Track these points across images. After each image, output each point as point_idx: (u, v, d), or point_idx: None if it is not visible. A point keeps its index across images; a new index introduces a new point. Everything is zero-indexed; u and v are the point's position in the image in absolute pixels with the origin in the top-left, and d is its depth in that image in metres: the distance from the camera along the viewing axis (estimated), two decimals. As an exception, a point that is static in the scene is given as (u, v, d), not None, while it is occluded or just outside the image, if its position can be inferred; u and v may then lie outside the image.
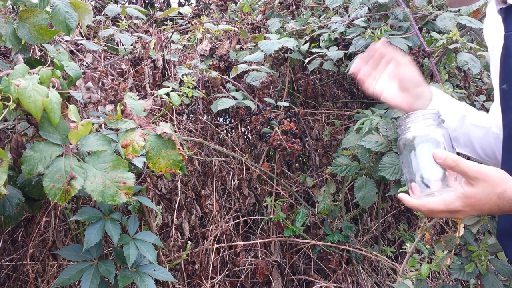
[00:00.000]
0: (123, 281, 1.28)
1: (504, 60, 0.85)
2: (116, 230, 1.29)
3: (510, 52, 0.83)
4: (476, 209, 0.73)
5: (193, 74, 1.99)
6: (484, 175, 0.71)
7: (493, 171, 0.72)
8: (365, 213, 2.35)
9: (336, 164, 1.78)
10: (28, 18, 1.16)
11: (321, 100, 2.47)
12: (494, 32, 0.94)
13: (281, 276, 2.16)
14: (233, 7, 2.75)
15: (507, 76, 0.84)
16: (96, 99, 1.27)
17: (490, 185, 0.71)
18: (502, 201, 0.72)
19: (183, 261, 1.90)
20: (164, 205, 1.95)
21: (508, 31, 0.84)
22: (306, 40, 1.99)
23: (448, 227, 2.05)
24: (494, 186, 0.71)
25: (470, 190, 0.73)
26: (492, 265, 1.32)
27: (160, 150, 1.07)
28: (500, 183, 0.71)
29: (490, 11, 0.98)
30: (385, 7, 1.83)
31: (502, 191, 0.71)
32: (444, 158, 0.73)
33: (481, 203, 0.72)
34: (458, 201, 0.74)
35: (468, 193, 0.73)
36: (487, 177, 0.71)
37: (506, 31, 0.84)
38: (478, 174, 0.72)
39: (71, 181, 0.95)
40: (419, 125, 0.80)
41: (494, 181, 0.71)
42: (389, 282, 2.14)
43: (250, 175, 2.14)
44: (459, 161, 0.73)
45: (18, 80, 0.95)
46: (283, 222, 2.04)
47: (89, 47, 1.78)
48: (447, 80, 1.78)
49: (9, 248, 1.76)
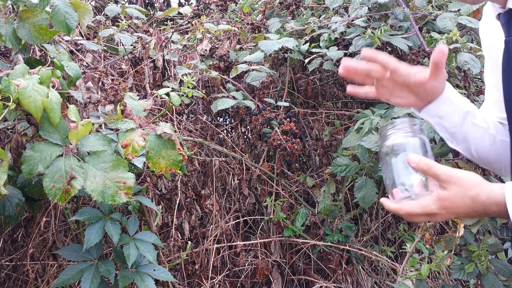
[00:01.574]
0: (123, 281, 1.28)
1: (507, 65, 0.85)
2: (116, 230, 1.29)
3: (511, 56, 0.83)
4: (452, 212, 0.75)
5: (193, 74, 1.99)
6: (456, 178, 0.73)
7: (466, 175, 0.74)
8: (365, 213, 2.35)
9: (336, 164, 1.78)
10: (28, 18, 1.16)
11: (321, 100, 2.46)
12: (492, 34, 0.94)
13: (281, 276, 2.16)
14: (233, 7, 2.75)
15: (509, 80, 0.84)
16: (96, 99, 1.27)
17: (463, 188, 0.73)
18: (476, 204, 0.73)
19: (183, 261, 1.90)
20: (164, 205, 1.95)
21: (509, 35, 0.84)
22: (306, 40, 1.99)
23: (448, 227, 2.05)
24: (467, 190, 0.73)
25: (444, 193, 0.74)
26: (492, 265, 1.32)
27: (160, 150, 1.07)
28: (473, 186, 0.73)
29: (487, 12, 0.98)
30: (385, 7, 1.83)
31: (476, 195, 0.73)
32: (417, 162, 0.76)
33: (455, 205, 0.74)
34: (433, 204, 0.75)
35: (442, 196, 0.74)
36: (460, 180, 0.73)
37: (507, 35, 0.84)
38: (450, 178, 0.74)
39: (71, 181, 0.95)
40: (397, 134, 0.84)
41: (467, 185, 0.73)
42: (389, 282, 2.14)
43: (250, 175, 2.14)
44: (432, 165, 0.75)
45: (18, 80, 0.95)
46: (283, 222, 2.04)
47: (89, 47, 1.78)
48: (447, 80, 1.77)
49: (9, 248, 1.76)
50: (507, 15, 0.84)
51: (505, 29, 0.85)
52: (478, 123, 0.96)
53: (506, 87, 0.87)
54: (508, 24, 0.84)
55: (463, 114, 0.95)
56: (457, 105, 0.95)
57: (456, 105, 0.95)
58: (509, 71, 0.84)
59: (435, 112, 0.94)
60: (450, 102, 0.94)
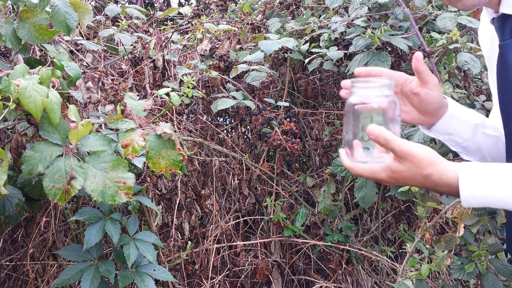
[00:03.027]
0: (123, 281, 1.28)
1: (501, 68, 0.86)
2: (116, 230, 1.29)
3: (506, 61, 0.83)
4: (401, 182, 0.78)
5: (193, 74, 1.99)
6: (411, 156, 0.74)
7: (422, 153, 0.75)
8: (365, 213, 2.35)
9: (336, 164, 1.78)
10: (28, 18, 1.16)
11: (321, 100, 2.46)
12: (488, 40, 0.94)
13: (281, 276, 2.16)
14: (233, 7, 2.75)
15: (504, 85, 0.85)
16: (96, 99, 1.27)
17: (416, 167, 0.74)
18: (426, 182, 0.75)
19: (183, 261, 1.90)
20: (164, 205, 1.95)
21: (503, 40, 0.84)
22: (306, 40, 1.99)
23: (448, 227, 2.05)
24: (421, 168, 0.74)
25: (396, 166, 0.76)
26: (492, 265, 1.32)
27: (160, 150, 1.07)
28: (427, 166, 0.74)
29: (483, 18, 0.98)
30: (385, 7, 1.83)
31: (428, 174, 0.74)
32: (377, 135, 0.76)
33: (405, 179, 0.76)
34: (383, 172, 0.78)
35: (393, 169, 0.76)
36: (415, 158, 0.74)
37: (501, 40, 0.85)
38: (405, 155, 0.74)
39: (71, 181, 0.95)
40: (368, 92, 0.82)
41: (422, 164, 0.74)
42: (389, 282, 2.14)
43: (250, 175, 2.14)
44: (390, 140, 0.75)
45: (18, 80, 0.95)
46: (283, 222, 2.04)
47: (89, 47, 1.78)
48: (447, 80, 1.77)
49: (9, 248, 1.76)
50: (501, 20, 0.84)
51: (499, 33, 0.86)
52: (489, 132, 0.96)
53: (500, 91, 0.87)
54: (502, 29, 0.84)
55: (472, 127, 0.96)
56: (465, 121, 0.95)
57: (464, 121, 0.95)
58: (503, 75, 0.85)
59: (444, 130, 0.95)
60: (457, 119, 0.94)
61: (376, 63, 1.66)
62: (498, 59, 0.86)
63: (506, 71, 0.84)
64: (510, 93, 0.83)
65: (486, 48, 0.97)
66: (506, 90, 0.85)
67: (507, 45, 0.83)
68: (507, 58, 0.83)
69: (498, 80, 0.87)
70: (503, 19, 0.84)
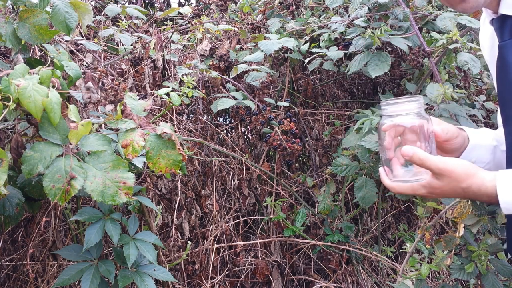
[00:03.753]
0: (123, 281, 1.28)
1: (500, 69, 0.86)
2: (116, 230, 1.28)
3: (505, 61, 0.84)
4: (442, 196, 0.81)
5: (193, 74, 1.99)
6: (448, 172, 0.77)
7: (458, 167, 0.77)
8: (365, 213, 2.35)
9: (336, 164, 1.78)
10: (28, 18, 1.16)
11: (321, 100, 2.46)
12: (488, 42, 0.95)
13: (281, 276, 2.15)
14: (233, 7, 2.75)
15: (504, 85, 0.85)
16: (96, 99, 1.27)
17: (455, 181, 0.77)
18: (466, 193, 0.78)
19: (183, 261, 1.90)
20: (164, 205, 1.95)
21: (502, 40, 0.85)
22: (306, 40, 1.99)
23: (448, 227, 2.05)
24: (459, 182, 0.77)
25: (435, 183, 0.79)
26: (492, 265, 1.32)
27: (160, 150, 1.07)
28: (466, 178, 0.77)
29: (483, 20, 0.98)
30: (385, 7, 1.83)
31: (467, 186, 0.77)
32: (411, 156, 0.79)
33: (445, 193, 0.79)
34: (423, 189, 0.80)
35: (433, 185, 0.79)
36: (452, 173, 0.77)
37: (500, 41, 0.86)
38: (442, 171, 0.77)
39: (71, 181, 0.95)
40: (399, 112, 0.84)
41: (459, 177, 0.77)
42: (389, 282, 2.14)
43: (250, 175, 2.14)
44: (425, 159, 0.78)
45: (18, 80, 0.95)
46: (283, 222, 2.04)
47: (89, 47, 1.78)
48: (447, 80, 1.77)
49: (9, 248, 1.76)
50: (500, 20, 0.85)
51: (499, 34, 0.86)
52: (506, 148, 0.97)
53: (500, 91, 0.87)
54: (501, 29, 0.85)
55: (491, 150, 0.98)
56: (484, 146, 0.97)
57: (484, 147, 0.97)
58: (503, 75, 0.85)
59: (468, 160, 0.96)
60: (478, 147, 0.96)
61: (376, 63, 1.66)
62: (498, 60, 0.87)
63: (505, 72, 0.84)
64: (510, 93, 0.84)
65: (486, 49, 0.97)
66: (506, 90, 0.85)
67: (506, 46, 0.83)
68: (506, 59, 0.83)
69: (498, 81, 0.87)
70: (502, 20, 0.84)
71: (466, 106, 1.65)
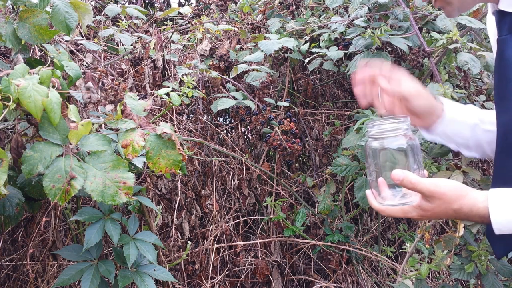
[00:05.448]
0: (123, 281, 1.28)
1: (498, 63, 0.87)
2: (116, 230, 1.28)
3: (503, 56, 0.84)
4: (433, 217, 0.80)
5: (193, 74, 1.99)
6: (439, 194, 0.76)
7: (450, 189, 0.76)
8: (365, 213, 2.35)
9: (336, 164, 1.78)
10: (28, 18, 1.16)
11: (321, 100, 2.46)
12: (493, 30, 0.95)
13: (281, 276, 2.15)
14: (233, 7, 2.75)
15: (501, 80, 0.85)
16: (96, 99, 1.27)
17: (446, 202, 0.76)
18: (458, 215, 0.77)
19: (183, 261, 1.90)
20: (164, 205, 1.95)
21: (501, 35, 0.85)
22: (306, 40, 1.99)
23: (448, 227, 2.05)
24: (451, 203, 0.76)
25: (426, 205, 0.78)
26: (492, 265, 1.32)
27: (160, 150, 1.07)
28: (456, 200, 0.76)
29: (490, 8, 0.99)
30: (385, 7, 1.83)
31: (459, 207, 0.76)
32: (402, 180, 0.77)
33: (436, 215, 0.78)
34: (414, 211, 0.80)
35: (424, 207, 0.78)
36: (444, 195, 0.76)
37: (499, 35, 0.86)
38: (433, 194, 0.76)
39: (71, 181, 0.95)
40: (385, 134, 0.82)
41: (450, 199, 0.76)
42: (389, 282, 2.14)
43: (250, 175, 2.14)
44: (416, 183, 0.77)
45: (18, 80, 0.95)
46: (283, 222, 2.04)
47: (89, 47, 1.78)
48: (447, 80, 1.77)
49: (9, 248, 1.76)
50: (499, 15, 0.85)
51: (498, 28, 0.87)
52: (489, 128, 0.97)
53: (497, 85, 0.88)
54: (500, 24, 0.86)
55: (471, 127, 0.97)
56: (463, 122, 0.96)
57: (462, 122, 0.96)
58: (501, 70, 0.86)
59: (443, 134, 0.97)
60: (454, 122, 0.96)
61: (376, 63, 1.66)
62: (496, 54, 0.88)
63: (503, 66, 0.85)
64: (506, 87, 0.84)
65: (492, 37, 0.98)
66: (502, 84, 0.85)
67: (504, 41, 0.84)
68: (504, 53, 0.84)
69: (496, 75, 0.88)
70: (501, 15, 0.85)
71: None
